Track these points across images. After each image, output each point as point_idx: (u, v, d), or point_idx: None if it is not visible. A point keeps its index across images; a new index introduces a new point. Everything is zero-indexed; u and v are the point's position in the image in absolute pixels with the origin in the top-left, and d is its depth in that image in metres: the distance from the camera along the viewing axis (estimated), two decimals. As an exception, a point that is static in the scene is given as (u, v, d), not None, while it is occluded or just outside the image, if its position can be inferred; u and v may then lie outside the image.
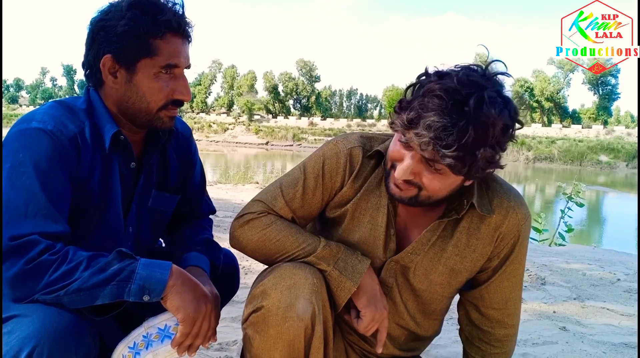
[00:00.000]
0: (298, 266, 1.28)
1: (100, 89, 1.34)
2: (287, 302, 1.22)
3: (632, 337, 2.75)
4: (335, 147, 1.40)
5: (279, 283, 1.24)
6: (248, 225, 1.35)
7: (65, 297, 1.10)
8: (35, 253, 1.10)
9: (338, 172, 1.38)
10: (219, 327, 1.37)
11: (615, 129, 55.66)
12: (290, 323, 1.22)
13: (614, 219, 15.30)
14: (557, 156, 45.22)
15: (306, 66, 79.83)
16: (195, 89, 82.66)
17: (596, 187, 25.07)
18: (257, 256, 1.37)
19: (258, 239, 1.34)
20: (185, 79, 1.35)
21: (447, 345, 2.49)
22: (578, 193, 7.49)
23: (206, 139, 59.10)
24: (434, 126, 1.10)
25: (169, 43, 1.28)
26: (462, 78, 1.13)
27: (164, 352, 1.23)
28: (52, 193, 1.17)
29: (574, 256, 5.24)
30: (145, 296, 1.15)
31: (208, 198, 1.70)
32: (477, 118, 1.10)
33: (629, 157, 43.54)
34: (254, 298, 1.28)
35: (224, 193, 8.86)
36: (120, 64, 1.28)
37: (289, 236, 1.32)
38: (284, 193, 1.38)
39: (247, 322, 1.29)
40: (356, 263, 1.31)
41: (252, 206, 1.39)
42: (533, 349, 2.50)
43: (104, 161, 1.30)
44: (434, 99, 1.12)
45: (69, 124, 1.25)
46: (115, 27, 1.25)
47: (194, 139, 1.60)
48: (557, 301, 3.35)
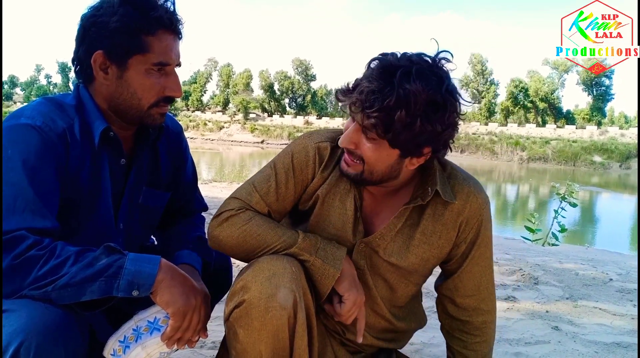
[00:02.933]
0: (275, 257, 1.29)
1: (90, 86, 1.34)
2: (268, 293, 1.22)
3: (624, 336, 2.77)
4: (303, 142, 1.44)
5: (257, 275, 1.24)
6: (227, 222, 1.35)
7: (53, 292, 1.09)
8: (22, 249, 1.09)
9: (308, 165, 1.42)
10: (212, 325, 1.37)
11: (609, 130, 55.88)
12: (273, 313, 1.22)
13: (607, 219, 15.39)
14: (551, 157, 45.40)
15: (302, 64, 79.73)
16: (190, 87, 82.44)
17: (590, 187, 25.19)
18: (237, 252, 1.36)
19: (239, 235, 1.33)
20: (177, 76, 1.35)
21: (441, 344, 2.49)
22: (572, 193, 7.53)
23: (201, 137, 58.96)
24: (364, 90, 1.21)
25: (160, 40, 1.29)
26: (402, 57, 1.24)
27: (152, 345, 1.23)
28: (41, 189, 1.17)
29: (567, 256, 5.26)
30: (134, 291, 1.14)
31: (200, 195, 1.70)
32: (401, 85, 1.19)
33: (622, 158, 43.76)
34: (234, 294, 1.28)
35: (218, 191, 8.86)
36: (111, 61, 1.28)
37: (269, 230, 1.33)
38: (258, 188, 1.40)
39: (230, 319, 1.28)
40: (335, 250, 1.34)
41: (228, 204, 1.39)
42: (525, 348, 2.51)
43: (93, 157, 1.31)
44: (372, 70, 1.24)
45: (58, 120, 1.25)
46: (107, 23, 1.25)
47: (184, 136, 1.60)
48: (550, 301, 3.36)
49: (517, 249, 5.65)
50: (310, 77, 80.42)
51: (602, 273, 4.32)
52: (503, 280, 3.86)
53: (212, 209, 1.65)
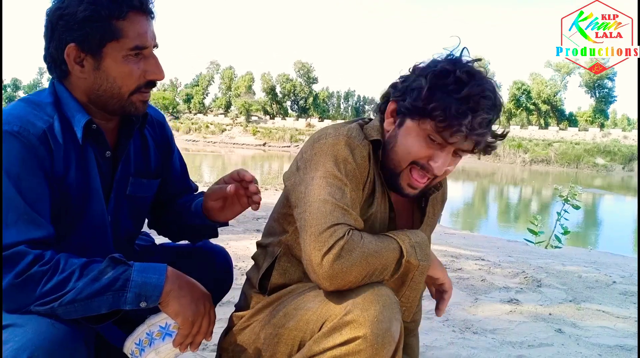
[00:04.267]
0: (376, 286, 1.20)
1: (66, 81, 1.28)
2: (384, 328, 1.15)
3: (627, 339, 2.76)
4: (345, 141, 1.31)
5: (367, 308, 1.15)
6: (345, 251, 1.17)
7: (60, 308, 1.07)
8: (24, 266, 1.07)
9: (365, 166, 1.32)
10: (217, 326, 1.37)
11: (612, 132, 55.81)
12: (388, 348, 1.17)
13: (610, 221, 15.34)
14: (553, 159, 45.29)
15: (304, 67, 79.83)
16: (193, 90, 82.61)
17: (592, 190, 25.12)
18: (362, 279, 1.20)
19: (361, 259, 1.18)
20: (156, 58, 1.30)
21: (443, 347, 2.49)
22: (574, 195, 7.52)
23: (203, 140, 58.96)
24: (484, 122, 1.25)
25: (133, 23, 1.23)
26: (472, 67, 1.28)
27: (165, 350, 1.25)
28: (30, 196, 1.13)
29: (570, 259, 5.25)
30: (142, 303, 1.14)
31: (190, 180, 1.67)
32: (500, 108, 1.30)
33: (625, 160, 43.64)
34: (340, 327, 1.17)
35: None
36: (85, 52, 1.23)
37: (380, 242, 1.23)
38: (345, 204, 1.23)
39: (336, 352, 1.18)
40: (423, 243, 1.31)
41: (332, 234, 1.18)
42: (529, 351, 2.50)
43: (79, 154, 1.26)
44: (483, 100, 1.24)
45: (36, 121, 1.20)
46: (74, 14, 1.20)
47: (168, 125, 1.57)
48: (553, 304, 3.35)
49: (520, 251, 5.63)
50: (312, 79, 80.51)
51: (605, 275, 4.31)
52: (506, 282, 3.85)
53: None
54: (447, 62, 1.28)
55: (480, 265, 4.43)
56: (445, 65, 1.26)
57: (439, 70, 1.25)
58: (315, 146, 1.31)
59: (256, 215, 6.39)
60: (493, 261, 4.64)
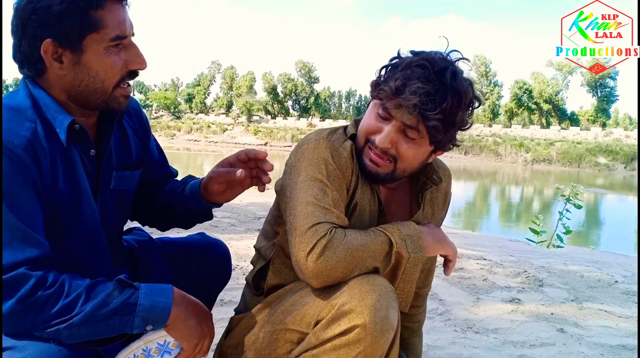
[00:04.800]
0: (370, 276, 1.23)
1: (41, 79, 1.22)
2: (381, 316, 1.17)
3: (629, 338, 2.75)
4: (325, 145, 1.36)
5: (364, 298, 1.17)
6: (328, 250, 1.20)
7: (66, 331, 1.06)
8: (26, 291, 1.04)
9: (348, 166, 1.36)
10: (217, 326, 1.37)
11: (614, 132, 55.73)
12: (387, 336, 1.19)
13: (612, 221, 15.31)
14: (555, 158, 45.24)
15: (305, 67, 79.80)
16: (194, 90, 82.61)
17: (594, 189, 25.09)
18: (348, 274, 1.22)
19: (346, 255, 1.21)
20: (136, 47, 1.24)
21: (445, 346, 2.49)
22: (576, 194, 7.51)
23: (205, 139, 58.98)
24: (419, 91, 1.24)
25: (111, 12, 1.18)
26: (438, 56, 1.31)
27: None
28: (22, 212, 1.08)
29: (572, 258, 5.24)
30: (148, 326, 1.13)
31: (168, 164, 1.63)
32: (454, 87, 1.27)
33: (627, 159, 43.58)
34: (338, 318, 1.19)
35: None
36: (64, 47, 1.16)
37: (365, 236, 1.26)
38: (326, 204, 1.27)
39: (336, 342, 1.19)
40: (414, 234, 1.32)
41: (314, 234, 1.22)
42: (530, 351, 2.50)
43: (64, 157, 1.21)
44: (418, 69, 1.27)
45: (19, 130, 1.13)
46: (49, 8, 1.13)
47: (143, 111, 1.53)
48: (555, 303, 3.35)
49: (522, 251, 5.63)
50: (313, 79, 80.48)
51: (607, 275, 4.30)
52: (508, 282, 3.85)
53: (216, 212, 1.64)
54: (420, 56, 1.32)
55: (481, 264, 4.43)
56: (416, 57, 1.31)
57: (406, 60, 1.30)
58: (299, 152, 1.36)
59: (258, 215, 6.40)
60: (495, 261, 4.63)
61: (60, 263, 1.14)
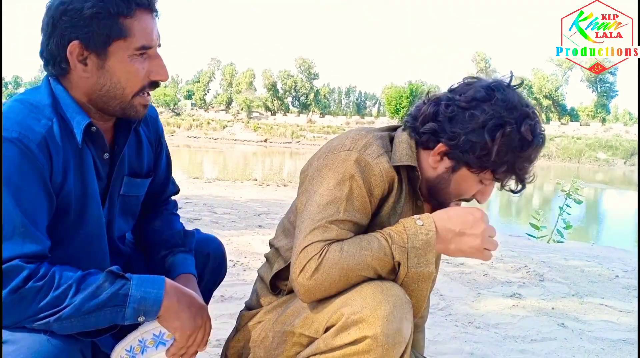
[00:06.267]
0: (386, 285, 1.19)
1: (65, 79, 1.23)
2: (394, 328, 1.14)
3: (630, 333, 2.75)
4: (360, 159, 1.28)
5: (377, 308, 1.14)
6: (320, 270, 1.19)
7: (56, 324, 1.06)
8: (19, 282, 1.04)
9: (381, 181, 1.28)
10: (217, 323, 1.37)
11: (613, 127, 55.75)
12: (398, 349, 1.17)
13: (612, 216, 15.32)
14: (555, 154, 45.23)
15: (305, 63, 79.74)
16: (194, 86, 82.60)
17: (594, 184, 25.09)
18: (343, 288, 1.21)
19: (340, 274, 1.18)
20: (161, 58, 1.26)
21: (446, 341, 2.49)
22: (576, 190, 7.50)
23: (205, 136, 58.98)
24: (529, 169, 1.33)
25: (140, 21, 1.19)
26: (538, 122, 1.30)
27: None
28: (27, 208, 1.09)
29: (572, 253, 5.24)
30: (140, 317, 1.13)
31: (173, 178, 1.64)
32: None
33: (627, 154, 43.59)
34: (347, 327, 1.16)
35: (222, 189, 8.86)
36: (90, 50, 1.18)
37: (363, 251, 1.21)
38: (328, 219, 1.23)
39: (346, 351, 1.17)
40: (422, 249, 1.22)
41: (308, 252, 1.20)
42: (531, 345, 2.50)
43: (77, 158, 1.22)
44: (539, 151, 1.32)
45: (35, 126, 1.14)
46: (80, 11, 1.15)
47: (160, 121, 1.54)
48: (556, 298, 3.35)
49: (522, 246, 5.63)
50: (313, 75, 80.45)
51: (607, 269, 4.31)
52: (508, 276, 3.85)
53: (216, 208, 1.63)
54: (507, 111, 1.25)
55: (482, 259, 4.42)
56: (507, 118, 1.25)
57: (507, 132, 1.24)
58: (328, 157, 1.30)
59: (258, 211, 6.40)
60: (495, 256, 4.63)
61: (58, 262, 1.13)
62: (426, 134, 1.33)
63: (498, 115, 1.25)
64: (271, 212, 6.38)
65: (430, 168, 1.35)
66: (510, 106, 1.26)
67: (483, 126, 1.25)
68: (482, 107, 1.26)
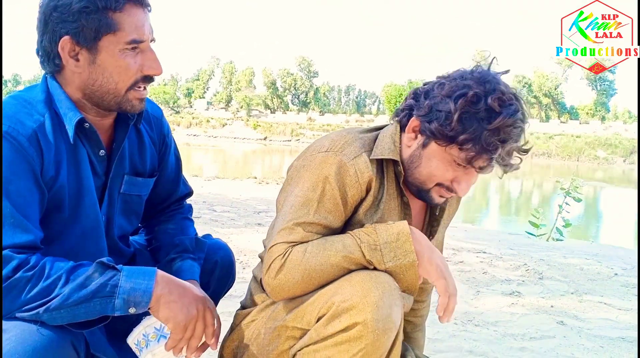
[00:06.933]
0: (372, 272, 1.20)
1: (60, 76, 1.24)
2: (384, 314, 1.15)
3: (629, 331, 2.76)
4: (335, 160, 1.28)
5: (367, 295, 1.15)
6: (283, 270, 1.22)
7: (45, 314, 1.05)
8: (8, 271, 1.04)
9: (355, 187, 1.28)
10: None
11: (613, 125, 55.82)
12: (389, 335, 1.17)
13: (612, 214, 15.33)
14: (554, 152, 45.30)
15: (304, 61, 79.71)
16: (193, 84, 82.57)
17: (593, 182, 25.11)
18: (309, 289, 1.24)
19: (302, 276, 1.21)
20: (153, 52, 1.25)
21: (445, 339, 2.49)
22: (576, 188, 7.51)
23: (204, 134, 58.97)
24: (513, 150, 1.25)
25: (130, 15, 1.19)
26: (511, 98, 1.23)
27: (160, 353, 1.23)
28: (17, 200, 1.10)
29: (572, 251, 5.26)
30: (130, 309, 1.11)
31: (184, 179, 1.63)
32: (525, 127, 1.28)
33: (626, 152, 43.64)
34: (338, 315, 1.17)
35: (222, 187, 8.86)
36: (80, 45, 1.18)
37: (328, 251, 1.22)
38: (296, 221, 1.25)
39: (337, 338, 1.17)
40: (397, 242, 1.22)
41: (273, 253, 1.24)
42: (531, 343, 2.51)
43: (70, 153, 1.22)
44: (513, 129, 1.21)
45: (26, 120, 1.15)
46: (69, 5, 1.15)
47: (166, 120, 1.53)
48: (555, 296, 3.36)
49: (522, 244, 5.64)
50: (312, 74, 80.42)
51: (606, 267, 4.32)
52: (507, 275, 3.86)
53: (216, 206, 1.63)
54: (477, 83, 1.22)
55: (481, 257, 4.44)
56: (475, 88, 1.21)
57: (470, 96, 1.20)
58: (307, 158, 1.31)
59: (257, 209, 6.40)
60: (494, 254, 4.64)
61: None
62: (404, 111, 1.34)
63: (467, 85, 1.22)
64: (270, 210, 6.38)
65: (406, 147, 1.33)
66: (483, 80, 1.23)
67: (449, 94, 1.23)
68: (455, 80, 1.25)
